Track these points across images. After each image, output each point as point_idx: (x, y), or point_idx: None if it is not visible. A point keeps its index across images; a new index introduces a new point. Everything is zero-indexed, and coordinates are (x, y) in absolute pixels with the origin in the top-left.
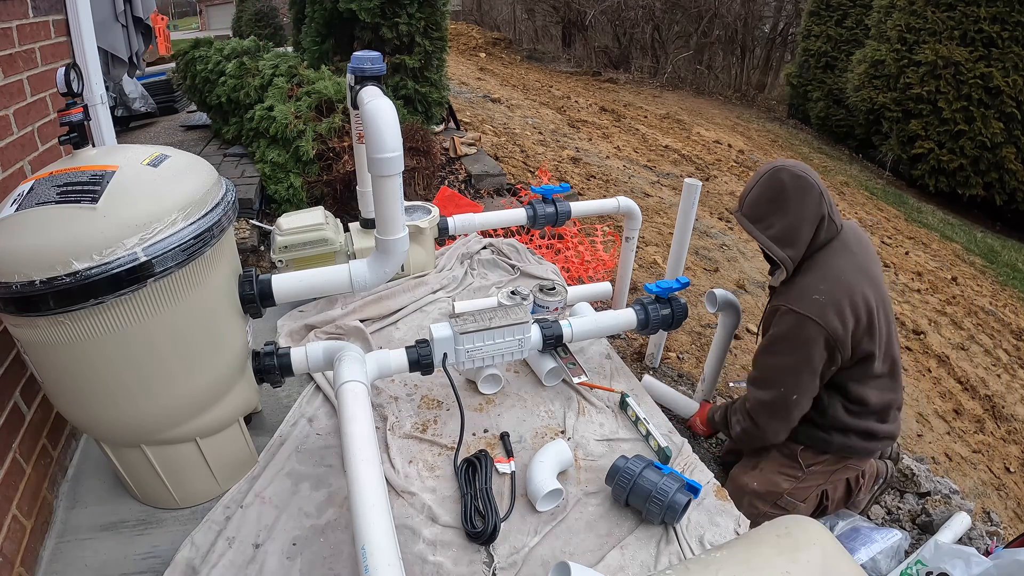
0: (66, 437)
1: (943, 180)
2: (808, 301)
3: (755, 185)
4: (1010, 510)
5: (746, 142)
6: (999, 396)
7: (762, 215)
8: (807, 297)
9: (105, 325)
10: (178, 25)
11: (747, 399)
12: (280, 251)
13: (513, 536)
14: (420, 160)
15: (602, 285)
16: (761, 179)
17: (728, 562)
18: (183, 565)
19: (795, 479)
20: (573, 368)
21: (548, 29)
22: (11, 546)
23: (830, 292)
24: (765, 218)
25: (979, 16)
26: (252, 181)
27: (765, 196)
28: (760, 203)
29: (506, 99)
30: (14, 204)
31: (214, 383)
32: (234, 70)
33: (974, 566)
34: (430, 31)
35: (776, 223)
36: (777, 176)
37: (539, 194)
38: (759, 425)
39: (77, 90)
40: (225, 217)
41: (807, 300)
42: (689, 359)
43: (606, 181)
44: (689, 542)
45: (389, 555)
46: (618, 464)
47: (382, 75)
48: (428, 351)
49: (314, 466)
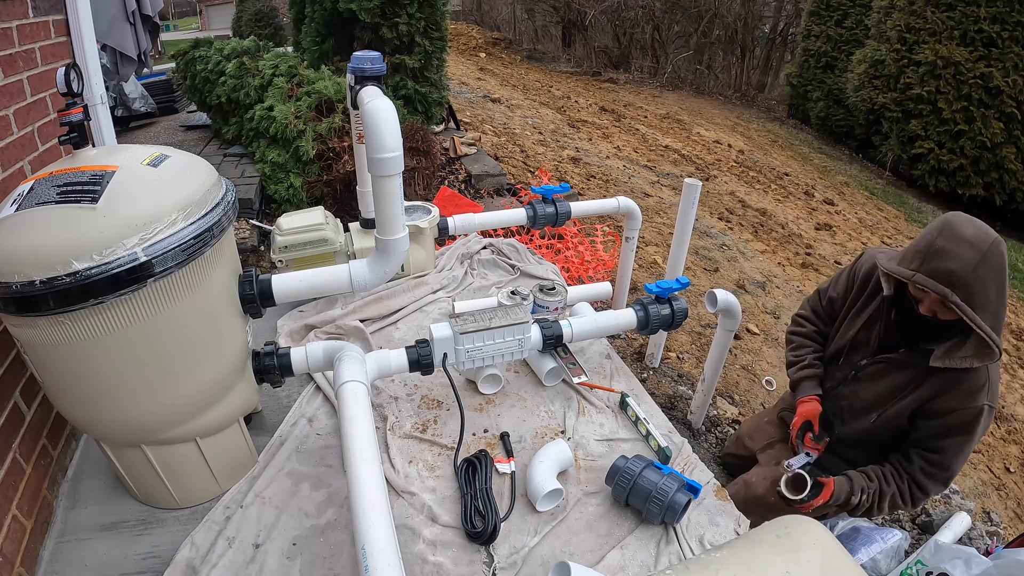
0: (66, 437)
1: (943, 180)
2: (997, 394)
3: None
4: (1010, 510)
5: (746, 142)
6: (999, 396)
7: (988, 301)
8: (995, 387)
9: (105, 325)
10: (178, 25)
11: (918, 487)
12: (280, 251)
13: (513, 536)
14: (420, 160)
15: (602, 285)
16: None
17: (728, 562)
18: (183, 565)
19: None
20: (573, 368)
21: (548, 29)
22: (11, 546)
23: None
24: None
25: (979, 16)
26: (252, 181)
27: (995, 279)
28: (990, 288)
29: (506, 99)
30: (14, 204)
31: (214, 383)
32: (234, 70)
33: (974, 566)
34: (430, 31)
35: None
36: (999, 251)
37: (539, 194)
38: (926, 492)
39: (77, 90)
40: (225, 217)
41: (997, 394)
42: (689, 359)
43: (606, 181)
44: (689, 542)
45: (389, 555)
46: (618, 464)
47: (382, 75)
48: (428, 351)
49: (314, 466)
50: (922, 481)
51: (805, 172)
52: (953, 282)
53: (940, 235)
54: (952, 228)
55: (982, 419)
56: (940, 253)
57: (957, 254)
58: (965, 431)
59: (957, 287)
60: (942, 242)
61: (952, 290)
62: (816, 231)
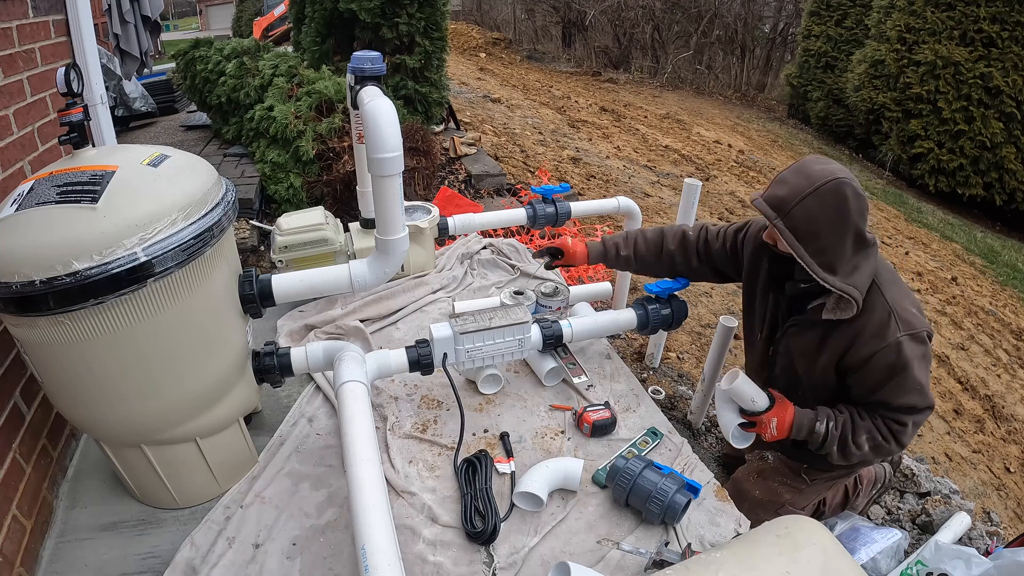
0: (66, 437)
1: (943, 180)
2: (914, 316)
3: (810, 195)
4: (1010, 510)
5: (746, 142)
6: (999, 396)
7: (816, 234)
8: (909, 312)
9: (105, 325)
10: (178, 25)
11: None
12: (280, 251)
13: (513, 536)
14: (420, 160)
15: (602, 285)
16: (821, 188)
17: (728, 562)
18: (183, 565)
19: (797, 490)
20: (573, 368)
21: (548, 29)
22: (11, 546)
23: (913, 301)
24: (816, 240)
25: (979, 16)
26: (252, 181)
27: (825, 215)
28: (818, 221)
29: (506, 99)
30: (14, 204)
31: (214, 383)
32: (234, 70)
33: (974, 566)
34: (430, 31)
35: (830, 250)
36: (838, 189)
37: (539, 194)
38: (900, 443)
39: (77, 90)
40: (225, 217)
41: (912, 316)
42: (689, 359)
43: (606, 181)
44: (689, 542)
45: (389, 555)
46: (618, 464)
47: (382, 75)
48: (428, 351)
49: (314, 466)
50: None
51: None
52: (778, 207)
53: (790, 168)
54: (802, 163)
55: (905, 350)
56: (780, 181)
57: (792, 183)
58: (895, 370)
59: (782, 213)
60: (787, 173)
61: (777, 214)
62: None
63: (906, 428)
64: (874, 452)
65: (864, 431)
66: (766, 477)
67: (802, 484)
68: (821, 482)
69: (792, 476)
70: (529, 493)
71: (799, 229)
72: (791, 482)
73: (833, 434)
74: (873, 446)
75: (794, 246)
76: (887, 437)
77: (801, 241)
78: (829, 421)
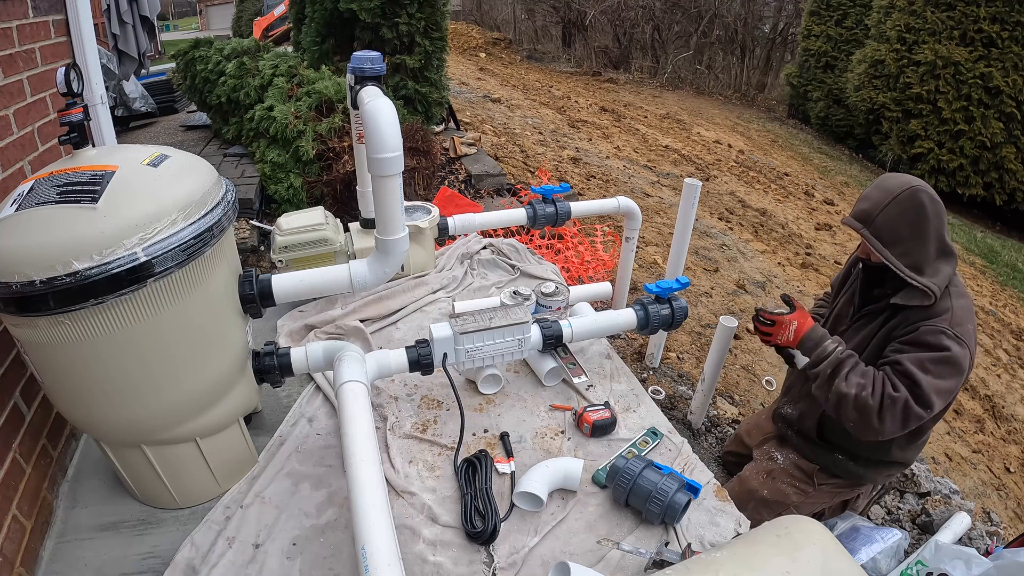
0: (66, 437)
1: (943, 180)
2: (967, 332)
3: (890, 203)
4: (1010, 510)
5: (746, 142)
6: (999, 396)
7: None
8: (965, 327)
9: (105, 325)
10: (178, 25)
11: (890, 384)
12: (280, 251)
13: (513, 536)
14: (420, 160)
15: (602, 285)
16: (898, 196)
17: (728, 562)
18: (183, 565)
19: (804, 494)
20: (573, 368)
21: (548, 29)
22: (11, 546)
23: (974, 326)
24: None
25: (979, 16)
26: (252, 181)
27: (905, 218)
28: (899, 225)
29: (506, 99)
30: (14, 204)
31: (214, 383)
32: (234, 70)
33: (974, 567)
34: (430, 31)
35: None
36: (913, 195)
37: (539, 194)
38: (882, 417)
39: (77, 90)
40: (225, 217)
41: (966, 331)
42: (689, 359)
43: (606, 181)
44: (689, 542)
45: (389, 555)
46: (618, 464)
47: (382, 75)
48: (428, 351)
49: (314, 466)
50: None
51: (805, 172)
52: (863, 219)
53: (870, 186)
54: (880, 180)
55: (945, 340)
56: (863, 198)
57: (873, 197)
58: (927, 346)
59: (867, 223)
60: (868, 190)
61: (863, 225)
62: (816, 231)
63: (896, 400)
64: (854, 402)
65: (859, 376)
66: (775, 477)
67: (810, 488)
68: (828, 488)
69: (802, 479)
70: (529, 493)
71: (883, 235)
72: (800, 485)
73: (837, 357)
74: (857, 396)
75: (881, 251)
76: (875, 396)
77: (887, 246)
78: (840, 346)
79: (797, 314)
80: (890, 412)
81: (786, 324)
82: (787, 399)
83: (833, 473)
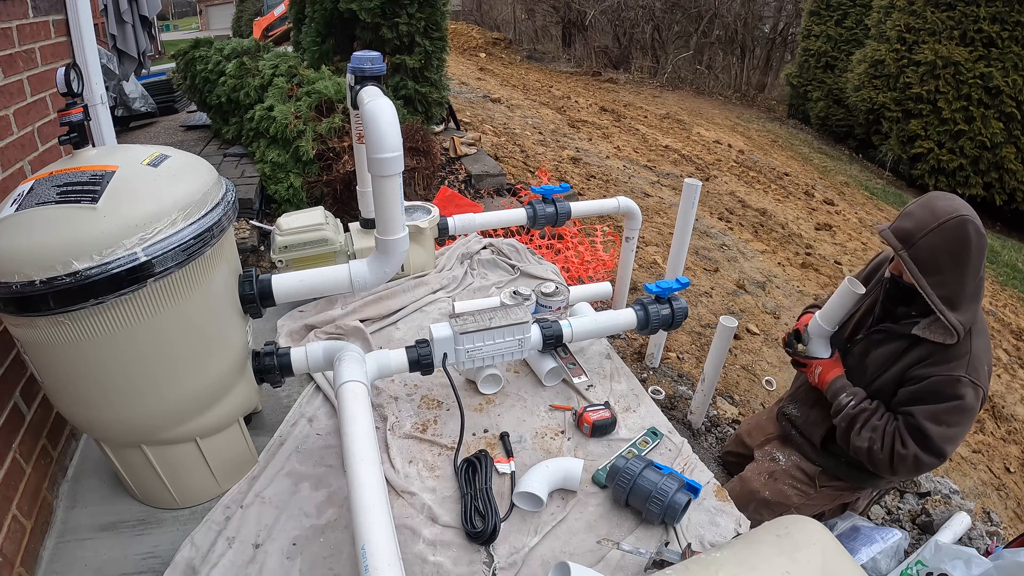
0: (66, 437)
1: (943, 180)
2: (983, 374)
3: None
4: (1010, 510)
5: (746, 142)
6: (999, 396)
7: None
8: (982, 369)
9: (105, 325)
10: (178, 25)
11: (899, 441)
12: (280, 251)
13: (513, 536)
14: (420, 160)
15: (602, 285)
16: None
17: (728, 562)
18: (183, 565)
19: (806, 495)
20: (573, 368)
21: (548, 29)
22: (11, 546)
23: (990, 364)
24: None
25: (979, 16)
26: (252, 181)
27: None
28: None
29: (506, 99)
30: (14, 204)
31: (214, 383)
32: (234, 70)
33: (974, 567)
34: (430, 31)
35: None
36: (960, 225)
37: (539, 194)
38: (894, 469)
39: (77, 90)
40: (225, 217)
41: (982, 373)
42: (689, 359)
43: (606, 181)
44: (689, 542)
45: (389, 555)
46: (618, 464)
47: (382, 75)
48: (428, 351)
49: (314, 466)
50: (903, 434)
51: (805, 172)
52: (905, 239)
53: (916, 202)
54: (928, 198)
55: (960, 389)
56: (907, 215)
57: (918, 217)
58: (941, 397)
59: (907, 245)
60: (914, 207)
61: (903, 246)
62: (816, 231)
63: (905, 457)
64: (867, 455)
65: (870, 431)
66: (776, 478)
67: (811, 490)
68: (829, 491)
69: (804, 480)
70: (529, 493)
71: (922, 261)
72: (801, 487)
73: (849, 414)
74: (870, 449)
75: (917, 277)
76: (883, 451)
77: (924, 273)
78: (853, 400)
79: (829, 362)
80: (901, 465)
81: (813, 367)
82: (793, 400)
83: (836, 476)
